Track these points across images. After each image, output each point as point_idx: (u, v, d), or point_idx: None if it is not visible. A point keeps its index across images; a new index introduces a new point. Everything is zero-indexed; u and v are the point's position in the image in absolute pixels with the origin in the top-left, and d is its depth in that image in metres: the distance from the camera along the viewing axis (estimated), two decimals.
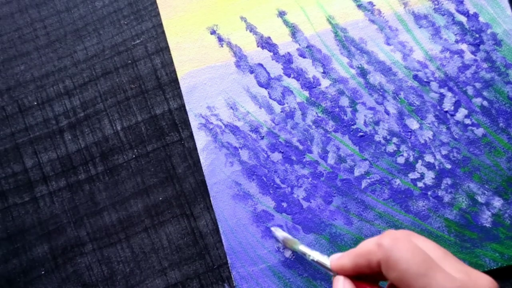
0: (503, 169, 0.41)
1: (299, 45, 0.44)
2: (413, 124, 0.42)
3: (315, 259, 0.33)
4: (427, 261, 0.26)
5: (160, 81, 0.45)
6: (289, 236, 0.40)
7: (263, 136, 0.43)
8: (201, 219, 0.43)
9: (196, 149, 0.43)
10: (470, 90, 0.42)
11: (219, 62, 0.44)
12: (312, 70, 0.43)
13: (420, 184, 0.41)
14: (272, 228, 0.41)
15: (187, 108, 0.44)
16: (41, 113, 0.45)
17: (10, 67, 0.45)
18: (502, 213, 0.40)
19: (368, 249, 0.28)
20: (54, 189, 0.44)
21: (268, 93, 0.43)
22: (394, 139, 0.42)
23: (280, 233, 0.41)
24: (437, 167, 0.41)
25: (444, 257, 0.27)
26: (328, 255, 0.32)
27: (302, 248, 0.36)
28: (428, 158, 0.41)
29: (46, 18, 0.46)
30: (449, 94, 0.42)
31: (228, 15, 0.44)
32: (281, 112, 0.43)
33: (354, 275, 0.30)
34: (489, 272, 0.40)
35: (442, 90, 0.42)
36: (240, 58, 0.44)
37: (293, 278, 0.41)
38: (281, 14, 0.44)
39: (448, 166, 0.41)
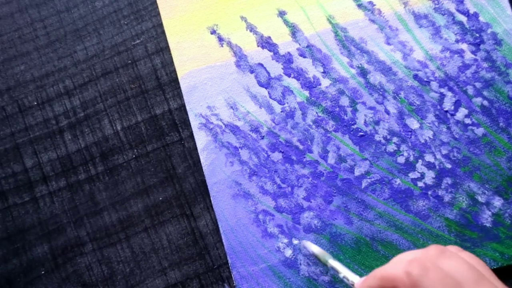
0: (503, 169, 0.41)
1: (299, 44, 0.44)
2: (413, 123, 0.42)
3: (346, 278, 0.34)
4: None
5: (160, 81, 0.44)
6: (320, 250, 0.38)
7: (263, 136, 0.43)
8: (201, 219, 0.43)
9: (196, 149, 0.43)
10: (470, 90, 0.42)
11: (219, 62, 0.44)
12: (312, 70, 0.43)
13: (420, 184, 0.41)
14: (303, 242, 0.40)
15: (187, 108, 0.44)
16: (41, 113, 0.45)
17: (10, 67, 0.45)
18: (502, 212, 0.40)
19: (395, 275, 0.28)
20: (54, 189, 0.44)
21: (268, 93, 0.43)
22: (394, 139, 0.42)
23: (312, 247, 0.39)
24: (437, 167, 0.41)
25: (476, 281, 0.26)
26: (360, 275, 0.32)
27: (333, 263, 0.36)
28: (429, 157, 0.41)
29: (46, 18, 0.46)
30: (449, 94, 0.42)
31: (228, 15, 0.44)
32: (281, 111, 0.43)
33: None
34: None
35: (442, 90, 0.42)
36: (240, 58, 0.44)
37: (293, 278, 0.41)
38: (281, 14, 0.44)
39: (449, 165, 0.41)
